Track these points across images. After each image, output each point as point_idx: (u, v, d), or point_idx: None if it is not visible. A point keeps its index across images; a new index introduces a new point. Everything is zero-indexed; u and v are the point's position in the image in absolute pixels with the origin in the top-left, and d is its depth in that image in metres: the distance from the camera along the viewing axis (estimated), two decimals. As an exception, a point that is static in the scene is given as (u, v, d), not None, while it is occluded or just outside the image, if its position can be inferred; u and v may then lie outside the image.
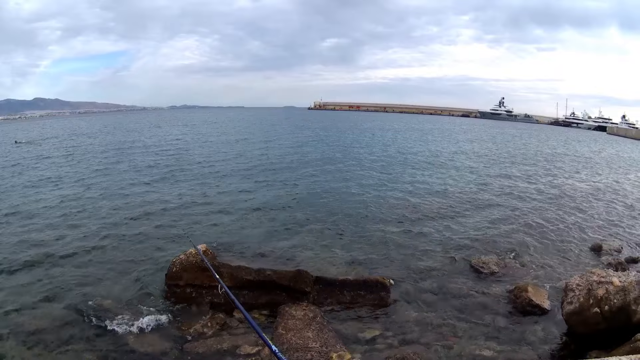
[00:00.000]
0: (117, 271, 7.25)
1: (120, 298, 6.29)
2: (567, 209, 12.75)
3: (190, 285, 6.31)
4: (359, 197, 13.14)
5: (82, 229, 9.57)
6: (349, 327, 5.58)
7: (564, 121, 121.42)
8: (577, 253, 8.75)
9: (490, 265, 7.74)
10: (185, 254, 6.51)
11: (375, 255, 8.24)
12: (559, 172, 21.50)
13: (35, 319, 5.66)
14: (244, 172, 17.83)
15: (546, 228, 10.49)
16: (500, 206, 12.73)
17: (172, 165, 19.42)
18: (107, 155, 23.34)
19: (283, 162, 20.99)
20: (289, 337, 5.07)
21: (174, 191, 13.67)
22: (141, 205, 11.70)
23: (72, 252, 8.20)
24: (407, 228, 10.05)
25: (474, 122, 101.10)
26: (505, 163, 24.21)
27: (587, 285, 5.22)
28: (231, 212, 11.10)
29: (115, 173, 17.13)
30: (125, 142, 31.86)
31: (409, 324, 5.71)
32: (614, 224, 11.29)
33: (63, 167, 19.19)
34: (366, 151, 27.75)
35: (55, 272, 7.24)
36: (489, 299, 6.48)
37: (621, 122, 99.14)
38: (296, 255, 8.10)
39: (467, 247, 8.85)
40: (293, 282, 6.20)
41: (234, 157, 23.00)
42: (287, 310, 5.76)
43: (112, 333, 5.33)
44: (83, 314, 5.81)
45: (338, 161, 21.93)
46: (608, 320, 4.81)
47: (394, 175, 18.08)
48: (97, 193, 13.43)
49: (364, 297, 6.31)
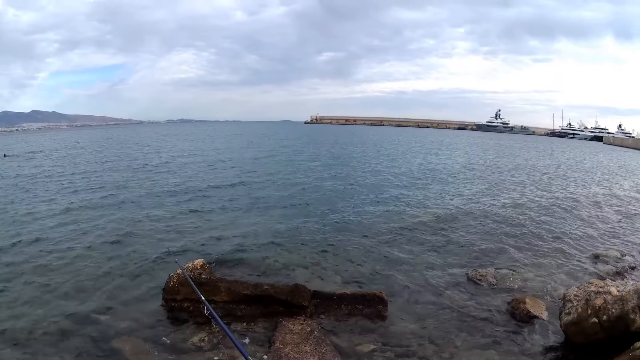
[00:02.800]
0: (114, 285, 7.21)
1: (117, 311, 6.25)
2: (564, 219, 12.78)
3: (188, 300, 6.26)
4: (356, 213, 13.13)
5: (79, 242, 9.51)
6: (346, 341, 5.54)
7: (561, 132, 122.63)
8: (575, 263, 8.74)
9: (487, 277, 7.72)
10: (182, 269, 6.49)
11: (372, 268, 8.20)
12: (556, 182, 21.61)
13: (30, 333, 5.62)
14: (243, 187, 17.85)
15: (543, 239, 10.49)
16: (497, 217, 12.73)
17: (174, 179, 19.41)
18: (105, 168, 23.33)
19: (281, 177, 21.03)
20: (287, 352, 5.04)
21: (172, 205, 13.66)
22: (138, 219, 11.65)
23: (68, 263, 8.17)
24: (404, 241, 10.03)
25: (470, 135, 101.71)
26: (502, 174, 24.32)
27: (585, 296, 5.22)
28: (229, 227, 11.06)
29: (111, 186, 17.08)
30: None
31: (406, 337, 5.68)
32: (612, 234, 11.31)
33: (64, 180, 19.15)
34: (363, 165, 27.84)
35: (51, 284, 7.19)
36: (487, 311, 6.46)
37: (617, 132, 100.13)
38: (294, 269, 8.06)
39: (464, 259, 8.82)
40: (290, 297, 6.17)
41: (233, 171, 23.00)
42: (285, 324, 5.73)
43: (108, 347, 5.29)
44: (79, 326, 5.78)
45: (336, 176, 21.96)
46: (606, 330, 4.81)
47: (389, 189, 18.11)
48: (91, 206, 13.40)
49: (362, 310, 6.27)
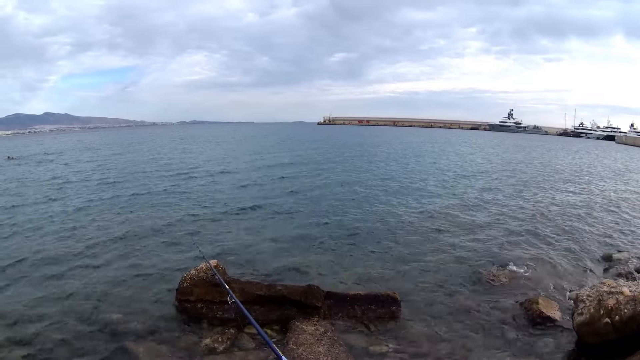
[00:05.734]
0: (127, 286, 7.35)
1: (130, 313, 6.35)
2: (576, 220, 12.68)
3: (201, 301, 6.36)
4: (369, 212, 13.21)
5: (91, 243, 9.71)
6: (359, 342, 5.60)
7: (573, 131, 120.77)
8: (587, 264, 8.69)
9: (500, 277, 7.73)
10: (196, 270, 6.58)
11: (386, 269, 8.27)
12: (568, 182, 21.37)
13: (44, 332, 5.76)
14: (255, 186, 18.06)
15: (556, 239, 10.44)
16: (511, 218, 12.70)
17: (181, 180, 19.65)
18: (114, 173, 23.66)
19: (295, 176, 21.18)
20: (300, 352, 5.10)
21: (183, 206, 13.86)
22: (151, 220, 11.88)
23: (81, 265, 8.35)
24: (417, 242, 10.07)
25: (484, 135, 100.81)
26: (516, 174, 24.12)
27: (597, 296, 5.22)
28: (242, 228, 11.22)
29: (121, 186, 17.33)
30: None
31: (420, 338, 5.72)
32: (624, 234, 11.19)
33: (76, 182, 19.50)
34: (377, 166, 27.84)
35: (64, 285, 7.35)
36: (500, 311, 6.47)
37: (629, 131, 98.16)
38: (307, 270, 8.16)
39: (477, 259, 8.83)
40: (304, 297, 6.22)
41: (245, 171, 23.18)
42: (298, 325, 5.79)
43: (122, 348, 5.37)
44: (93, 328, 5.89)
45: (350, 179, 21.88)
46: (619, 331, 4.80)
47: (403, 189, 18.12)
48: (104, 206, 13.70)
49: (375, 311, 6.30)
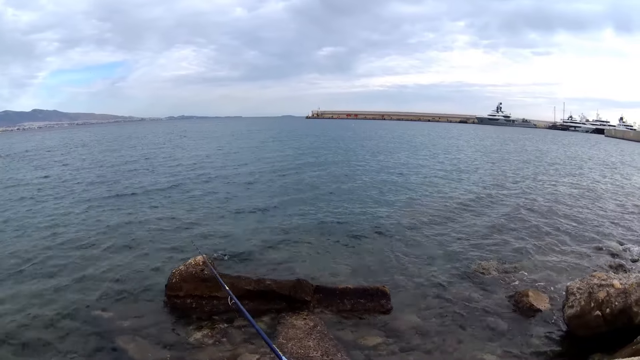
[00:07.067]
0: (117, 282, 7.23)
1: (119, 309, 6.27)
2: (567, 212, 12.75)
3: (190, 296, 6.27)
4: (359, 206, 13.14)
5: (81, 241, 9.52)
6: (349, 336, 5.55)
7: (562, 125, 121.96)
8: (577, 256, 8.72)
9: (490, 270, 7.72)
10: (185, 265, 6.49)
11: (375, 263, 8.22)
12: (558, 174, 21.55)
13: (33, 329, 5.67)
14: (241, 180, 17.88)
15: (546, 231, 10.47)
16: (500, 211, 12.72)
17: (172, 176, 19.42)
18: (104, 170, 23.35)
19: (282, 168, 20.99)
20: (290, 347, 5.04)
21: (169, 202, 13.69)
22: (140, 216, 11.68)
23: (71, 261, 8.19)
24: (407, 235, 10.03)
25: (471, 128, 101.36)
26: (503, 167, 24.25)
27: (588, 289, 5.22)
28: (229, 223, 11.08)
29: (110, 181, 17.10)
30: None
31: (410, 331, 5.69)
32: (614, 226, 11.28)
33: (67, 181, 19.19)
34: (368, 159, 27.79)
35: (54, 282, 7.22)
36: (490, 304, 6.46)
37: (619, 124, 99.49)
38: (296, 264, 8.07)
39: (467, 252, 8.81)
40: (293, 292, 6.17)
41: (231, 165, 22.98)
42: (288, 319, 5.74)
43: (111, 344, 5.31)
44: (83, 324, 5.81)
45: (340, 171, 21.87)
46: (609, 323, 4.80)
47: (393, 183, 18.09)
48: (92, 204, 13.42)
49: (365, 305, 6.26)
